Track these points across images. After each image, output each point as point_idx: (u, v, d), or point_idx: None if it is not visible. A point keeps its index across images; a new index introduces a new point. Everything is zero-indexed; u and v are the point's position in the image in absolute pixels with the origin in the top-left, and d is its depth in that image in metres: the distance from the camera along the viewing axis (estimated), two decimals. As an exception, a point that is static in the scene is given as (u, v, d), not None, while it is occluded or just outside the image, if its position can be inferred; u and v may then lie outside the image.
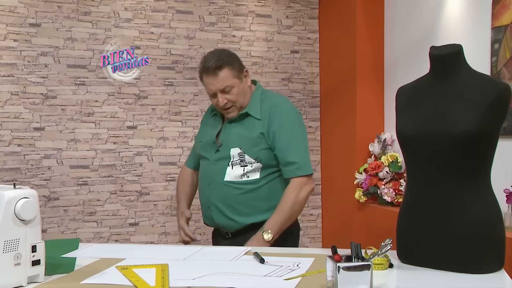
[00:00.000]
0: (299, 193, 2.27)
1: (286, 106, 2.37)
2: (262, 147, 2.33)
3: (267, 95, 2.42)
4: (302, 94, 4.09)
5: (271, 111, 2.34)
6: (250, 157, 2.32)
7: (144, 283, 1.54)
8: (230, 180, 2.35)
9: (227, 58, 2.32)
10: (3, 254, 1.47)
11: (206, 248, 2.06)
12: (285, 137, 2.30)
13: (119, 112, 3.66)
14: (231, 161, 2.34)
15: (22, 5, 3.43)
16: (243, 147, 2.34)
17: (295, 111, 2.40)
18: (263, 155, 2.33)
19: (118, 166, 3.66)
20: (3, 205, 1.50)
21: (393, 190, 3.32)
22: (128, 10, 3.67)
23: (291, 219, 2.28)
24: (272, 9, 4.01)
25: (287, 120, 2.32)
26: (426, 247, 1.66)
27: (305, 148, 2.34)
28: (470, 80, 1.66)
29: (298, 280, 1.55)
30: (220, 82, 2.28)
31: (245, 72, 2.37)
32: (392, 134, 3.52)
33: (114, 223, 3.65)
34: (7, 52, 3.40)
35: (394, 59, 3.61)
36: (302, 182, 2.27)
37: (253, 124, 2.36)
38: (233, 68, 2.31)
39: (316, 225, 4.12)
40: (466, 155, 1.60)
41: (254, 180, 2.33)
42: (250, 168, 2.33)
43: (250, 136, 2.35)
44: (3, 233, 1.48)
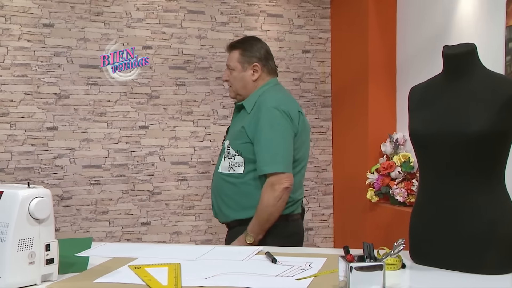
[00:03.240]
0: (271, 193, 2.27)
1: (268, 105, 2.35)
2: (242, 141, 2.37)
3: (269, 91, 2.43)
4: (313, 93, 4.09)
5: (256, 109, 2.37)
6: (233, 149, 2.38)
7: (157, 282, 1.54)
8: (221, 171, 2.43)
9: (246, 44, 2.48)
10: (18, 252, 1.49)
11: (218, 248, 2.06)
12: (261, 137, 2.31)
13: (131, 112, 3.68)
14: (224, 153, 2.44)
15: (36, 6, 3.46)
16: (230, 139, 2.43)
17: (280, 110, 2.33)
18: (243, 148, 2.36)
19: (130, 165, 3.68)
20: (17, 204, 1.51)
21: (405, 190, 3.31)
22: (140, 10, 3.69)
23: (269, 220, 2.28)
24: (283, 8, 4.01)
25: (263, 118, 2.32)
26: (439, 248, 1.65)
27: (280, 148, 2.29)
28: (484, 80, 1.65)
29: (310, 280, 1.55)
30: (228, 59, 2.50)
31: (253, 66, 2.43)
32: (404, 134, 3.51)
33: (126, 223, 3.67)
34: (21, 53, 3.43)
35: (406, 58, 3.59)
36: (273, 182, 2.26)
37: (244, 117, 2.42)
38: (242, 54, 2.45)
39: (327, 225, 4.11)
40: (480, 155, 1.59)
41: (238, 174, 2.37)
42: (234, 161, 2.38)
43: (236, 129, 2.43)
44: (18, 232, 1.49)
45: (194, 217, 3.80)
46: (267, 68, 2.47)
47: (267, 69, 2.47)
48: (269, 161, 2.27)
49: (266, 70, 2.46)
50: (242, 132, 2.36)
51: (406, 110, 1.85)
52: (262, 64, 2.44)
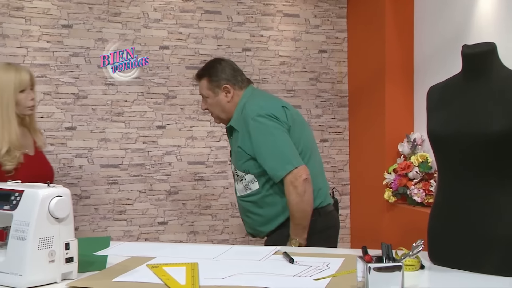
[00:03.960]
0: (294, 190, 2.26)
1: (251, 116, 2.35)
2: (244, 160, 2.40)
3: (247, 103, 2.42)
4: (330, 93, 4.07)
5: (243, 123, 2.38)
6: (239, 170, 2.41)
7: (175, 281, 1.55)
8: (240, 195, 2.48)
9: (210, 70, 2.49)
10: (38, 251, 1.51)
11: (235, 248, 2.07)
12: (259, 149, 2.32)
13: (148, 112, 3.70)
14: (235, 177, 2.49)
15: (55, 7, 3.49)
16: (234, 162, 2.48)
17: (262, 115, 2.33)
18: (249, 166, 2.39)
19: (147, 165, 3.70)
20: (37, 203, 1.53)
21: (423, 190, 3.28)
22: (157, 10, 3.71)
23: (305, 217, 2.29)
24: (300, 8, 4.00)
25: (252, 131, 2.33)
26: (459, 249, 1.63)
27: (279, 149, 2.29)
28: (504, 79, 1.63)
29: (328, 280, 1.55)
30: (200, 88, 2.52)
31: (224, 88, 2.44)
32: (422, 134, 3.48)
33: (144, 222, 3.69)
34: (40, 53, 3.46)
35: (424, 58, 3.56)
36: (291, 180, 2.26)
37: (236, 137, 2.44)
38: (209, 81, 2.46)
39: (344, 225, 4.10)
40: (500, 155, 1.57)
41: (256, 191, 2.41)
42: (246, 181, 2.42)
43: (234, 150, 2.47)
44: (38, 230, 1.51)
45: (210, 217, 3.81)
46: (238, 84, 2.47)
47: (238, 85, 2.47)
48: (279, 166, 2.28)
49: (237, 86, 2.46)
50: (240, 151, 2.38)
51: (424, 109, 1.84)
52: (231, 84, 2.45)
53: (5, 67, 2.39)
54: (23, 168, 2.33)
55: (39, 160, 2.50)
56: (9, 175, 2.28)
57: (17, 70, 2.38)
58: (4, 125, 2.31)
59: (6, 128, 2.30)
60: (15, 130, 2.33)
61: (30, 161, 2.39)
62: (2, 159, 2.29)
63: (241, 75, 2.50)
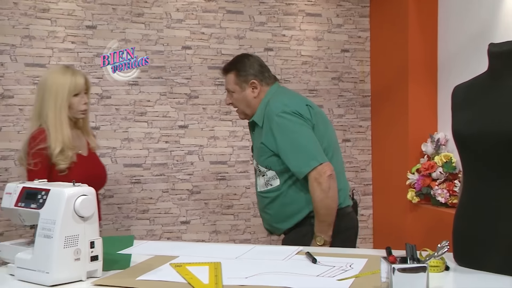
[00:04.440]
0: (318, 187, 2.26)
1: (275, 112, 2.35)
2: (266, 156, 2.40)
3: (271, 99, 2.43)
4: (352, 93, 4.05)
5: (267, 120, 2.39)
6: (261, 166, 2.41)
7: (198, 280, 1.56)
8: (260, 190, 2.49)
9: (238, 65, 2.51)
10: (64, 249, 1.53)
11: (257, 247, 2.07)
12: (283, 146, 2.32)
13: (171, 112, 3.72)
14: (257, 173, 2.50)
15: (79, 8, 3.54)
16: (256, 158, 2.49)
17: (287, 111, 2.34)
18: (271, 162, 2.39)
19: (170, 165, 3.72)
20: (63, 202, 1.55)
21: (447, 191, 3.25)
22: (179, 11, 3.73)
23: (329, 214, 2.28)
24: (322, 8, 3.99)
25: (276, 127, 2.34)
26: (485, 250, 1.61)
27: (304, 145, 2.30)
28: (531, 78, 1.61)
29: (352, 281, 1.54)
30: (226, 82, 2.56)
31: (251, 83, 2.46)
32: (446, 134, 3.44)
33: (166, 221, 3.72)
34: (65, 54, 3.51)
35: (448, 56, 3.52)
36: (315, 176, 2.26)
37: (259, 133, 2.45)
38: (237, 75, 2.48)
39: (367, 225, 4.07)
40: (527, 155, 1.55)
41: (276, 187, 2.41)
42: (267, 177, 2.43)
43: (257, 146, 2.47)
44: (64, 229, 1.53)
45: (232, 216, 3.82)
46: (265, 81, 2.49)
47: (265, 81, 2.49)
48: (303, 162, 2.28)
49: (264, 82, 2.48)
50: (263, 147, 2.39)
51: (448, 109, 1.82)
52: (259, 79, 2.47)
53: (62, 70, 2.43)
54: (77, 167, 2.38)
55: (92, 160, 2.54)
56: (62, 174, 2.33)
57: (73, 74, 2.42)
58: (57, 126, 2.35)
59: (59, 129, 2.35)
60: (67, 132, 2.37)
61: (83, 161, 2.43)
62: (56, 159, 2.33)
63: (268, 72, 2.53)
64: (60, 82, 2.37)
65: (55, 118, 2.35)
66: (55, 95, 2.36)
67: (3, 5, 3.39)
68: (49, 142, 2.33)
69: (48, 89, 2.38)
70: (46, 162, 2.34)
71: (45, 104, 2.37)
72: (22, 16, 3.42)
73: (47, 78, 2.42)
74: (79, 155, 2.43)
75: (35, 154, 2.32)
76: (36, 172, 2.27)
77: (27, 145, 2.37)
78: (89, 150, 2.54)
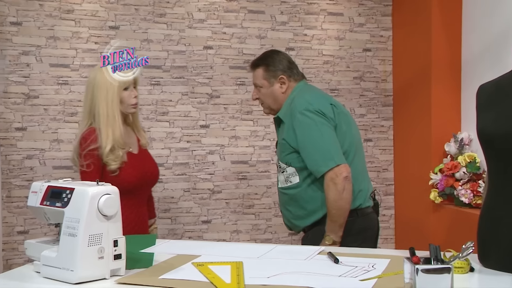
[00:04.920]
0: (334, 187, 2.27)
1: (299, 109, 2.37)
2: (287, 152, 2.42)
3: (296, 96, 2.45)
4: (374, 92, 4.02)
5: (290, 116, 2.41)
6: (282, 162, 2.44)
7: (220, 280, 1.57)
8: (280, 186, 2.51)
9: (267, 60, 2.53)
10: (88, 247, 1.55)
11: (279, 247, 2.07)
12: (303, 144, 2.34)
13: (193, 112, 3.74)
14: (278, 169, 2.52)
15: (103, 9, 3.57)
16: (278, 153, 2.52)
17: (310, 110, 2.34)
18: (291, 159, 2.41)
19: (191, 164, 3.74)
20: (87, 201, 1.57)
21: (471, 191, 3.21)
22: (201, 11, 3.74)
23: (341, 214, 2.29)
24: (344, 7, 3.97)
25: (298, 124, 2.35)
26: (510, 251, 1.59)
27: (323, 145, 2.31)
28: (559, 77, 1.58)
29: (374, 281, 1.53)
30: (253, 78, 2.57)
31: (280, 79, 2.48)
32: (470, 134, 3.40)
33: (188, 220, 3.74)
34: (88, 54, 3.55)
35: (472, 55, 3.47)
36: (332, 176, 2.27)
37: (282, 129, 2.47)
38: (266, 70, 2.50)
39: (388, 225, 4.04)
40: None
41: (295, 184, 2.42)
42: (287, 174, 2.44)
43: (279, 142, 2.50)
44: (88, 227, 1.55)
45: (254, 216, 3.82)
46: (293, 77, 2.52)
47: (293, 77, 2.52)
48: (321, 161, 2.29)
49: (293, 78, 2.51)
50: (284, 143, 2.41)
51: (472, 109, 1.80)
52: (287, 75, 2.50)
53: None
54: (127, 167, 2.35)
55: (143, 158, 2.49)
56: (113, 175, 2.31)
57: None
58: (108, 122, 2.31)
59: (111, 126, 2.31)
60: (119, 127, 2.33)
61: (134, 159, 2.40)
62: (107, 159, 2.29)
63: (296, 68, 2.55)
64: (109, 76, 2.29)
65: (107, 114, 2.31)
66: (106, 90, 2.32)
67: (29, 7, 3.44)
68: (100, 142, 2.30)
69: (97, 85, 2.33)
70: (99, 162, 2.31)
71: (95, 101, 2.33)
72: (47, 17, 3.47)
73: (96, 75, 2.37)
74: (129, 153, 2.38)
75: (87, 155, 2.29)
76: (89, 174, 2.26)
77: (78, 146, 2.34)
78: (140, 147, 2.50)
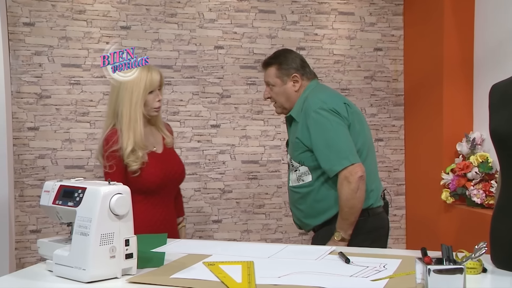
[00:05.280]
0: (347, 186, 2.27)
1: (313, 108, 2.37)
2: (301, 151, 2.41)
3: (309, 96, 2.45)
4: (385, 92, 4.00)
5: (304, 115, 2.40)
6: (294, 161, 2.43)
7: (231, 279, 1.57)
8: (292, 185, 2.50)
9: (280, 58, 2.52)
10: (100, 246, 1.55)
11: (290, 247, 2.07)
12: (317, 142, 2.33)
13: (203, 111, 3.75)
14: (290, 167, 2.51)
15: (114, 9, 3.59)
16: (290, 152, 2.50)
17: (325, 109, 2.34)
18: (304, 158, 2.40)
19: (202, 164, 3.75)
20: (99, 200, 1.58)
21: (483, 191, 3.18)
22: (212, 11, 3.75)
23: (353, 213, 2.29)
24: (355, 6, 3.96)
25: (312, 123, 2.35)
26: (523, 252, 1.57)
27: (338, 144, 2.30)
28: None
29: (386, 281, 1.52)
30: (266, 76, 2.55)
31: (293, 77, 2.48)
32: (482, 133, 3.38)
33: (198, 220, 3.74)
34: (100, 54, 3.54)
35: (485, 55, 3.44)
36: (346, 175, 2.27)
37: (295, 128, 2.46)
38: (279, 69, 2.49)
39: (399, 225, 4.02)
40: None
41: (308, 183, 2.42)
42: (300, 172, 2.43)
43: (292, 141, 2.48)
44: (100, 226, 1.56)
45: (264, 216, 3.82)
46: (306, 75, 2.51)
47: (306, 76, 2.51)
48: (335, 160, 2.29)
49: (305, 77, 2.51)
50: (298, 142, 2.40)
51: (484, 108, 1.79)
52: (300, 73, 2.49)
53: (138, 66, 2.30)
54: (149, 167, 2.33)
55: (167, 157, 2.46)
56: (135, 175, 2.30)
57: (149, 70, 2.36)
58: (130, 124, 2.31)
59: (132, 127, 2.30)
60: (140, 130, 2.32)
61: (157, 159, 2.38)
62: (127, 160, 2.29)
63: (308, 67, 2.55)
64: (136, 78, 2.30)
65: (129, 116, 2.30)
66: (131, 92, 2.31)
67: (42, 8, 3.47)
68: (121, 143, 2.29)
69: (123, 86, 2.31)
70: (121, 164, 2.30)
71: (119, 102, 2.32)
72: (59, 18, 3.49)
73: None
74: (152, 153, 2.37)
75: (109, 156, 2.30)
76: (112, 175, 2.25)
77: (101, 147, 2.34)
78: (164, 146, 2.47)
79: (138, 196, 2.26)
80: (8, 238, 3.19)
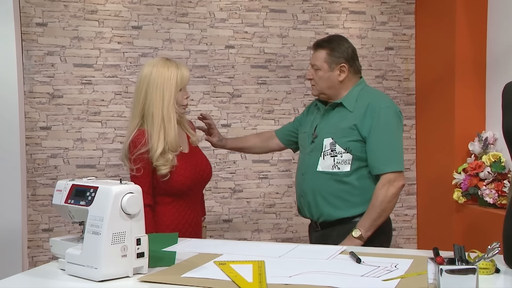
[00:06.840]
0: (388, 189, 2.28)
1: (383, 104, 2.38)
2: (352, 139, 2.37)
3: (367, 90, 2.46)
4: (396, 91, 3.99)
5: (369, 108, 2.37)
6: (340, 147, 2.37)
7: (242, 279, 1.57)
8: (322, 170, 2.40)
9: (333, 44, 2.46)
10: (112, 245, 1.56)
11: (301, 246, 2.07)
12: (377, 137, 2.32)
13: (214, 111, 3.75)
14: (323, 151, 2.40)
15: (126, 9, 3.60)
16: (334, 136, 2.40)
17: (394, 109, 2.39)
18: (353, 146, 2.36)
19: (213, 163, 3.73)
20: (111, 199, 1.58)
21: (495, 191, 3.16)
22: (223, 10, 3.75)
23: (382, 216, 2.30)
24: (366, 5, 3.94)
25: (380, 118, 2.33)
26: (537, 253, 1.56)
27: (396, 147, 2.34)
28: None
29: (397, 281, 1.52)
30: (313, 58, 2.49)
31: (340, 66, 2.43)
32: (495, 133, 3.35)
33: (209, 219, 3.75)
34: (111, 54, 3.59)
35: (498, 54, 3.42)
36: (391, 179, 2.27)
37: (346, 115, 2.41)
38: (329, 54, 2.43)
39: (411, 225, 4.01)
40: None
41: (344, 172, 2.37)
42: (340, 159, 2.37)
43: (342, 127, 2.40)
44: (111, 225, 1.57)
45: (275, 215, 3.82)
46: (354, 68, 2.47)
47: (354, 69, 2.47)
48: (387, 161, 2.30)
49: (353, 70, 2.47)
50: (353, 130, 2.36)
51: (497, 107, 1.78)
52: (349, 65, 2.45)
53: (166, 63, 2.25)
54: (179, 169, 2.25)
55: (195, 156, 2.38)
56: (164, 179, 2.21)
57: (178, 66, 2.26)
58: (163, 124, 2.20)
59: (165, 128, 2.20)
60: (174, 129, 2.22)
61: (185, 160, 2.30)
62: (156, 163, 2.19)
63: (357, 60, 2.51)
64: (166, 75, 2.20)
65: (162, 116, 2.19)
66: (162, 90, 2.20)
67: (54, 8, 3.49)
68: (150, 144, 2.19)
69: (153, 83, 2.21)
70: (149, 166, 2.21)
71: (149, 101, 2.21)
72: (71, 18, 3.52)
73: (151, 72, 2.23)
74: (180, 153, 2.28)
75: (137, 159, 2.19)
76: (139, 178, 2.17)
77: (127, 150, 2.23)
78: (190, 145, 2.39)
79: (167, 198, 2.26)
80: (21, 237, 3.22)
